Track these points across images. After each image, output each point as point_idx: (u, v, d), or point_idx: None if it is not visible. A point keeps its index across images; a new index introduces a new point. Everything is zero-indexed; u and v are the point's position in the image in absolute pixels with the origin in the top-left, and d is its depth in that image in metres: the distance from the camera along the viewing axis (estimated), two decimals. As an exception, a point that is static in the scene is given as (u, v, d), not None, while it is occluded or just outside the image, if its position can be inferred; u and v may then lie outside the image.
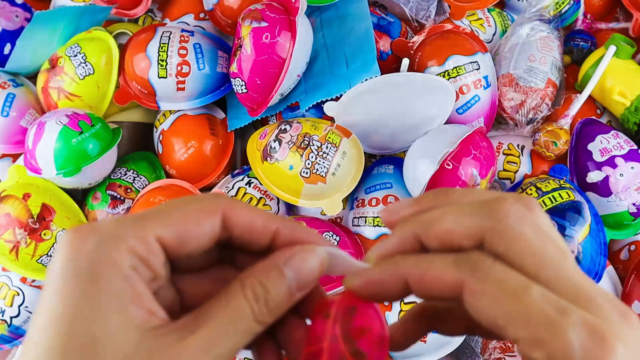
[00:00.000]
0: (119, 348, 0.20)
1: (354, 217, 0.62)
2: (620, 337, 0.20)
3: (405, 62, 0.62)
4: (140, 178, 0.66)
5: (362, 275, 0.24)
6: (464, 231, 0.22)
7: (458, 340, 0.58)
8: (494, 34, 0.69)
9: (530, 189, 0.59)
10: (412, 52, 0.65)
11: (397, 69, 0.63)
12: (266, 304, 0.22)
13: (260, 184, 0.63)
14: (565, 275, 0.21)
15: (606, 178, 0.60)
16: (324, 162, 0.57)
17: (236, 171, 0.67)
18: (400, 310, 0.58)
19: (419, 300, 0.25)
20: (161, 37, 0.63)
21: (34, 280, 0.62)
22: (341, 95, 0.61)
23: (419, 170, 0.58)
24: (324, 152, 0.57)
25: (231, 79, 0.63)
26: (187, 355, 0.20)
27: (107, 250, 0.21)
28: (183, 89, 0.64)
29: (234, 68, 0.61)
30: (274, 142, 0.59)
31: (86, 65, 0.64)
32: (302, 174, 0.57)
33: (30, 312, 0.61)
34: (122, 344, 0.20)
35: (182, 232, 0.22)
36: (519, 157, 0.64)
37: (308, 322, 0.25)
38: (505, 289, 0.21)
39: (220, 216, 0.23)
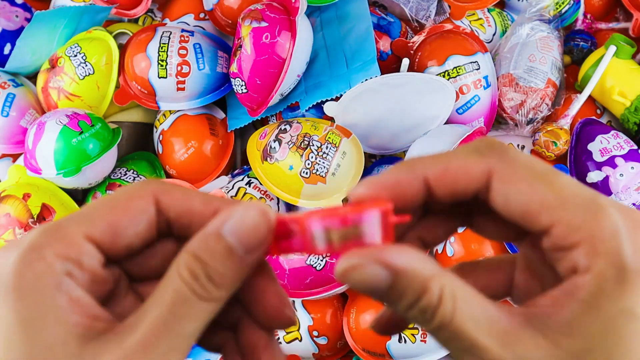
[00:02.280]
0: None
1: (354, 217, 0.62)
2: None
3: (405, 62, 0.62)
4: (140, 178, 0.66)
5: (372, 181, 0.21)
6: (474, 168, 0.21)
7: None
8: (494, 34, 0.69)
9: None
10: (412, 52, 0.65)
11: (397, 69, 0.63)
12: (210, 279, 0.19)
13: (260, 184, 0.63)
14: (573, 181, 0.20)
15: (606, 178, 0.60)
16: (323, 162, 0.57)
17: (236, 171, 0.67)
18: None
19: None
20: (161, 37, 0.63)
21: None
22: (341, 95, 0.61)
23: (419, 170, 0.58)
24: (324, 152, 0.57)
25: (231, 79, 0.63)
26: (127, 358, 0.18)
27: (30, 262, 0.19)
28: (183, 89, 0.64)
29: (234, 68, 0.61)
30: (274, 142, 0.59)
31: (86, 65, 0.64)
32: (302, 174, 0.57)
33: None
34: (62, 358, 0.18)
35: (112, 223, 0.20)
36: (519, 157, 0.64)
37: None
38: (536, 173, 0.20)
39: (152, 200, 0.21)
